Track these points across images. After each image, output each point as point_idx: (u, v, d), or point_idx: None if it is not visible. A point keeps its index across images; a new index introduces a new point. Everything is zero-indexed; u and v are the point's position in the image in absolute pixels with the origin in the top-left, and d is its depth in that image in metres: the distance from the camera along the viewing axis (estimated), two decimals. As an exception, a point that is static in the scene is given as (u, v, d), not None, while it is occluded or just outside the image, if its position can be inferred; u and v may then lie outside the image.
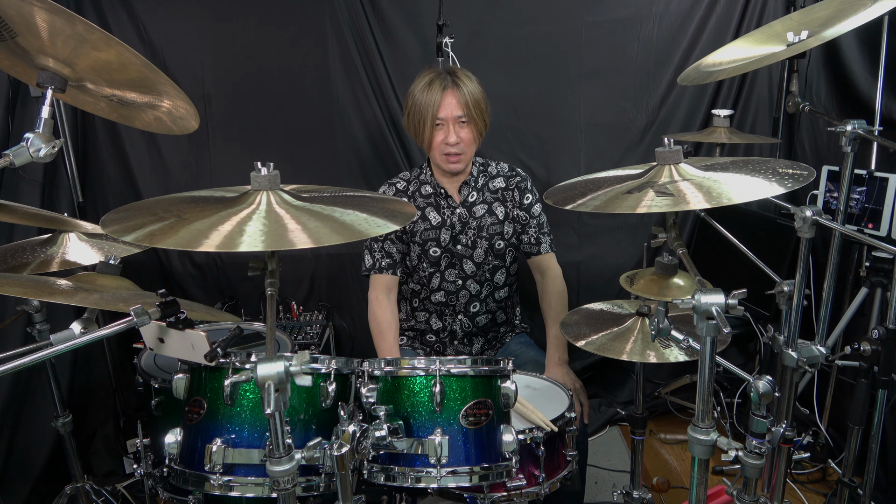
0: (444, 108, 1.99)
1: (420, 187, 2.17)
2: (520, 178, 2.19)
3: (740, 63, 1.56)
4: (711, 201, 1.12)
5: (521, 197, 2.17)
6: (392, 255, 2.13)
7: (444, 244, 2.14)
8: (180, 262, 2.95)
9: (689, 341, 1.31)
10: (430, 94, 1.99)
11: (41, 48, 1.11)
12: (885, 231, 2.27)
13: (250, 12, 2.77)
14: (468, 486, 1.47)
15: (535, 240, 2.19)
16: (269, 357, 1.09)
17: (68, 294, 1.30)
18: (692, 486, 1.20)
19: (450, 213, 2.14)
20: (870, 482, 1.73)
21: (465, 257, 2.15)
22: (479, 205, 2.15)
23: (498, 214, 2.15)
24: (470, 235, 2.14)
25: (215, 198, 1.25)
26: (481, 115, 2.04)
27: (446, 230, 2.14)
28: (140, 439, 1.70)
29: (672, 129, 2.88)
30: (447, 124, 2.00)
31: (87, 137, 2.81)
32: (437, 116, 1.99)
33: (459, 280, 2.16)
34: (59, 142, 1.14)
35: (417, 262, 2.16)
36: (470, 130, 2.02)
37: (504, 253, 2.18)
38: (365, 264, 2.16)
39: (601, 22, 2.80)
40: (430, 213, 2.15)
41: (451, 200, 2.15)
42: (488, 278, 2.18)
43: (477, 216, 2.14)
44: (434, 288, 2.18)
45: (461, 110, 1.99)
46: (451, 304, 2.19)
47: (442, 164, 2.06)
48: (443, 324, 2.22)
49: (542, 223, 2.21)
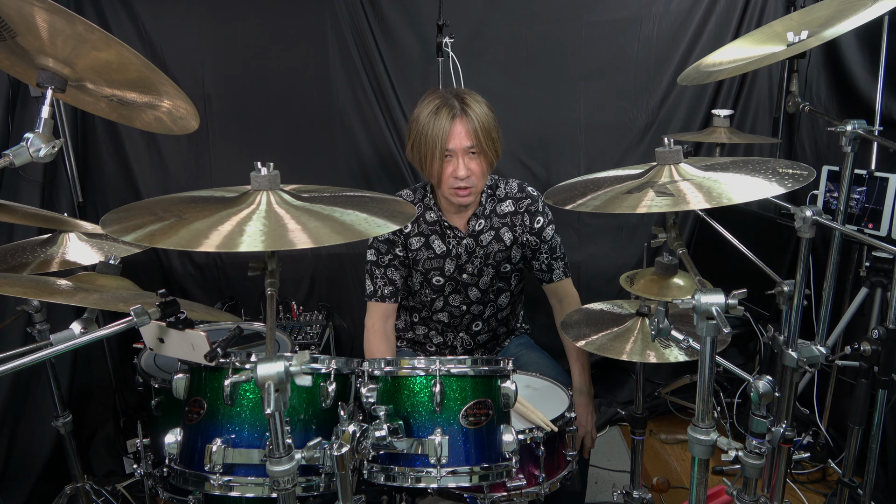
0: (454, 139, 1.82)
1: (424, 213, 2.03)
2: (530, 201, 2.03)
3: (740, 63, 1.56)
4: (711, 201, 1.12)
5: (532, 221, 2.02)
6: (395, 282, 2.03)
7: (448, 274, 2.04)
8: (180, 262, 2.95)
9: (689, 341, 1.31)
10: (438, 124, 1.81)
11: (41, 48, 1.11)
12: (885, 231, 2.27)
13: (250, 13, 2.77)
14: (468, 486, 1.47)
15: (546, 267, 2.07)
16: (269, 357, 1.09)
17: (68, 294, 1.30)
18: (692, 486, 1.20)
19: (455, 244, 2.02)
20: (870, 482, 1.73)
21: (470, 285, 2.07)
22: (486, 232, 2.02)
23: (505, 240, 2.02)
24: (476, 264, 2.04)
25: (215, 198, 1.25)
26: (492, 145, 1.87)
27: (451, 260, 2.03)
28: (140, 439, 1.70)
29: (672, 129, 2.88)
30: (456, 156, 1.84)
31: (87, 137, 2.81)
32: (445, 148, 1.82)
33: (464, 305, 2.11)
34: (59, 142, 1.14)
35: (419, 288, 2.09)
36: (480, 162, 1.86)
37: (510, 276, 2.09)
38: (366, 290, 2.07)
39: (601, 22, 2.80)
40: (434, 241, 2.02)
41: (457, 231, 2.01)
42: (492, 300, 2.12)
43: (483, 244, 2.02)
44: (437, 309, 2.13)
45: (471, 140, 1.82)
46: (453, 325, 2.16)
47: (451, 197, 1.91)
48: (444, 339, 2.20)
49: (554, 247, 2.06)
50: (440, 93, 1.90)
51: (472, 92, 1.92)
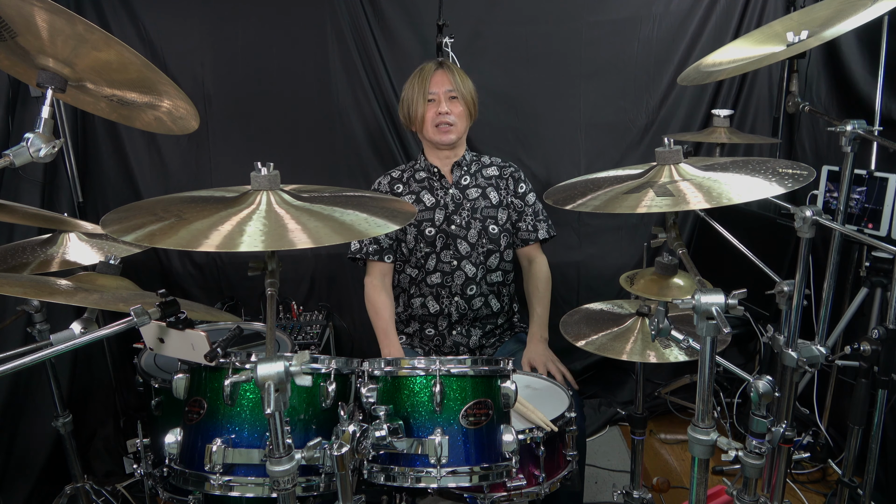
0: (435, 84, 2.13)
1: (414, 174, 2.28)
2: (513, 169, 2.31)
3: (740, 63, 1.56)
4: (711, 201, 1.12)
5: (516, 186, 2.28)
6: (379, 241, 2.22)
7: (438, 224, 2.20)
8: (180, 262, 2.95)
9: (689, 341, 1.31)
10: (422, 74, 2.14)
11: (41, 48, 1.11)
12: (885, 231, 2.27)
13: (250, 12, 2.77)
14: (468, 486, 1.47)
15: (532, 227, 2.28)
16: (269, 357, 1.09)
17: (68, 294, 1.30)
18: (692, 486, 1.20)
19: (443, 194, 2.22)
20: (870, 482, 1.73)
21: (459, 237, 2.20)
22: (472, 188, 2.24)
23: (491, 199, 2.23)
24: (464, 216, 2.21)
25: (215, 198, 1.25)
26: (471, 96, 2.17)
27: (440, 210, 2.21)
28: (140, 439, 1.70)
29: (672, 129, 2.88)
30: (438, 98, 2.13)
31: (87, 137, 2.81)
32: (428, 91, 2.12)
33: (455, 261, 2.20)
34: (59, 142, 1.14)
35: (414, 243, 2.21)
36: (460, 105, 2.15)
37: (499, 238, 2.23)
38: (350, 247, 2.24)
39: (601, 22, 2.80)
40: (425, 195, 2.23)
41: (444, 181, 2.23)
42: (482, 261, 2.22)
43: (470, 198, 2.22)
44: (430, 270, 2.22)
45: (451, 86, 2.13)
46: (446, 285, 2.22)
47: (434, 135, 2.16)
48: (439, 306, 2.24)
49: (537, 210, 2.30)
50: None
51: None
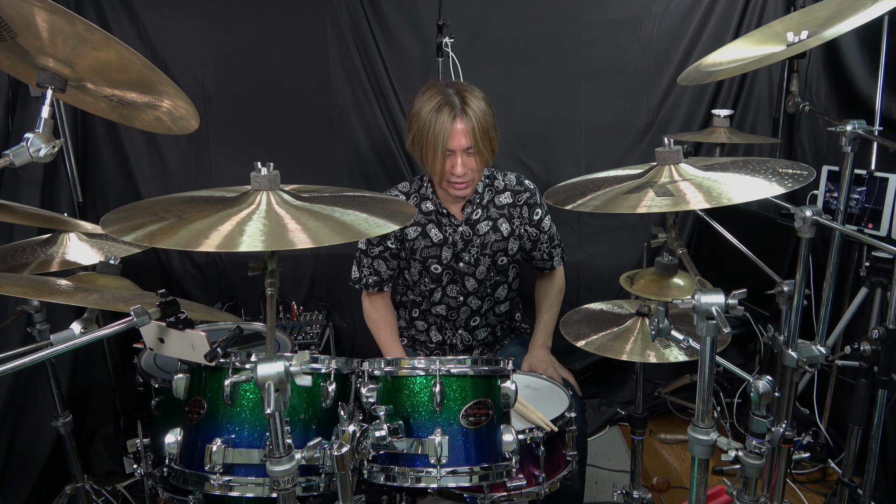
0: (454, 140, 1.88)
1: (421, 202, 2.09)
2: (528, 194, 2.11)
3: (740, 63, 1.56)
4: (711, 201, 1.12)
5: (531, 213, 2.11)
6: (380, 273, 2.12)
7: (445, 261, 2.09)
8: (180, 262, 2.95)
9: (689, 341, 1.31)
10: (440, 123, 1.87)
11: (41, 48, 1.11)
12: (885, 231, 2.27)
13: (250, 12, 2.77)
14: (468, 486, 1.47)
15: (547, 255, 2.19)
16: (269, 357, 1.09)
17: (68, 294, 1.30)
18: (692, 486, 1.20)
19: (452, 231, 2.07)
20: (870, 482, 1.73)
21: (467, 275, 2.10)
22: (482, 222, 2.08)
23: (503, 231, 2.09)
24: (473, 253, 2.08)
25: (215, 198, 1.25)
26: (489, 144, 1.94)
27: (448, 248, 2.08)
28: (140, 439, 1.70)
29: (672, 129, 2.88)
30: (456, 154, 1.91)
31: (87, 137, 2.80)
32: (447, 148, 1.89)
33: (461, 297, 2.13)
34: (59, 142, 1.14)
35: (418, 277, 2.13)
36: (477, 160, 1.93)
37: (507, 269, 2.14)
38: (352, 275, 2.17)
39: (601, 22, 2.80)
40: (431, 229, 2.08)
41: (453, 219, 2.07)
42: (489, 293, 2.15)
43: (480, 233, 2.08)
44: (435, 301, 2.15)
45: (469, 141, 1.89)
46: (451, 318, 2.17)
47: (448, 190, 1.99)
48: (443, 337, 2.21)
49: (552, 235, 2.18)
50: (440, 87, 1.94)
51: (472, 87, 1.97)
